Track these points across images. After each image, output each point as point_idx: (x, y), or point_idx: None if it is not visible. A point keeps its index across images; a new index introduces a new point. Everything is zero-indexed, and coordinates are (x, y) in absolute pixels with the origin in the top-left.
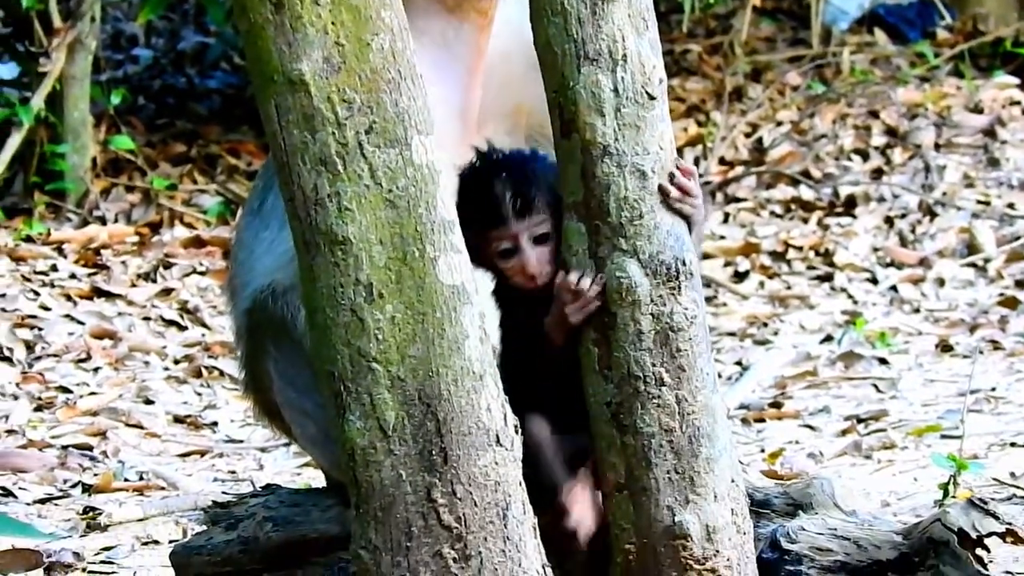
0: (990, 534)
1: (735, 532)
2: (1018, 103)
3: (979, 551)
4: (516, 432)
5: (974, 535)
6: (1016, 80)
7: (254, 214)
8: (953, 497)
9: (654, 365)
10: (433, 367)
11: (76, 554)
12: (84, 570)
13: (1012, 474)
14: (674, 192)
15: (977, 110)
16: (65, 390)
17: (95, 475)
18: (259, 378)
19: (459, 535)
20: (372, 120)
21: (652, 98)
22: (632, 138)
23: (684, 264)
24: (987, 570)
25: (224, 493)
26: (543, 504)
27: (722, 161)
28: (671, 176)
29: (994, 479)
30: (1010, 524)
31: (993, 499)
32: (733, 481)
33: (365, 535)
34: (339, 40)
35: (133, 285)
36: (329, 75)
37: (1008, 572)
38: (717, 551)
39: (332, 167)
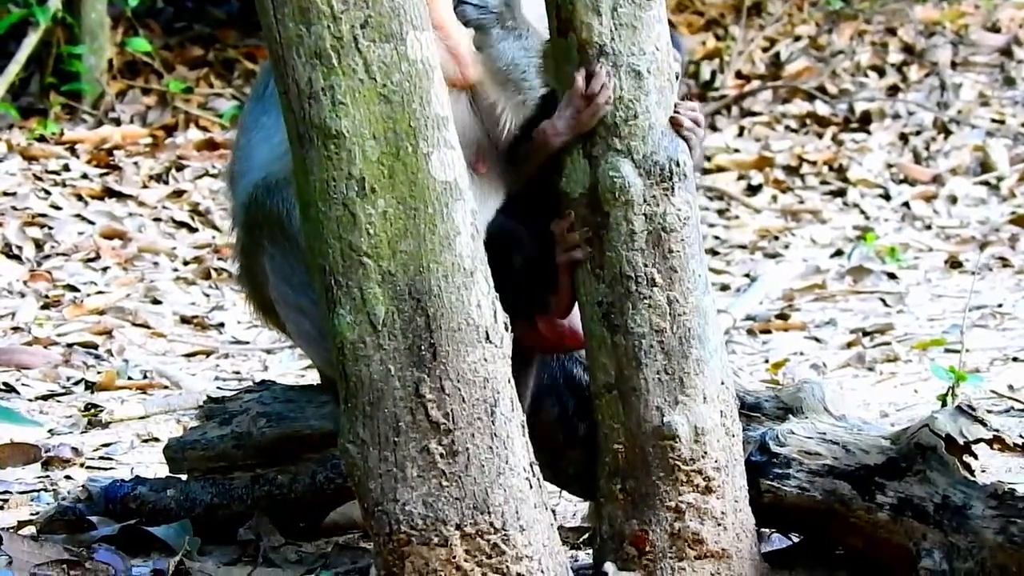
0: (977, 440)
1: (723, 434)
2: None
3: (967, 457)
4: (506, 329)
5: (961, 441)
6: None
7: (257, 99)
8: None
9: (646, 266)
10: (424, 262)
11: (75, 449)
12: (82, 465)
13: (1010, 387)
14: (687, 123)
15: (995, 29)
16: (73, 289)
17: (99, 373)
18: (255, 273)
19: (447, 431)
20: (368, 14)
21: None
22: (628, 38)
23: (678, 165)
24: (973, 476)
25: (219, 390)
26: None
27: (739, 75)
28: (677, 107)
29: (992, 391)
30: (997, 431)
31: (990, 411)
32: (723, 383)
33: (353, 429)
34: None
35: (145, 186)
36: None
37: (1001, 481)
38: (705, 452)
39: (327, 61)
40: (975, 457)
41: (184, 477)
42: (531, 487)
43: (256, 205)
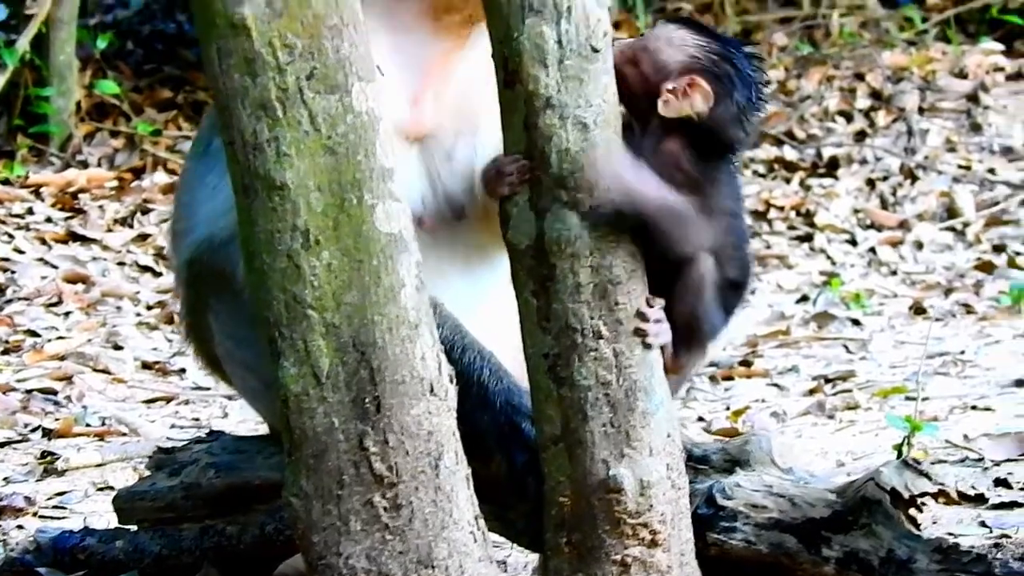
0: (923, 494)
1: (670, 487)
2: (1002, 69)
3: (912, 511)
4: (451, 382)
5: (907, 495)
6: (1001, 46)
7: (199, 157)
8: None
9: (592, 318)
10: (368, 315)
11: (28, 498)
12: (35, 514)
13: (966, 436)
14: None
15: (962, 75)
16: (33, 334)
17: (57, 420)
18: (201, 330)
19: (391, 484)
20: (313, 66)
21: (596, 51)
22: (575, 90)
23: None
24: (919, 530)
25: (169, 439)
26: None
27: None
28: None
29: (947, 441)
30: (942, 484)
31: (944, 461)
32: (669, 436)
33: (297, 482)
34: None
35: (109, 230)
36: (271, 19)
37: (951, 533)
38: (651, 506)
39: (272, 112)
40: (920, 511)
41: (134, 528)
42: (476, 541)
43: (200, 262)
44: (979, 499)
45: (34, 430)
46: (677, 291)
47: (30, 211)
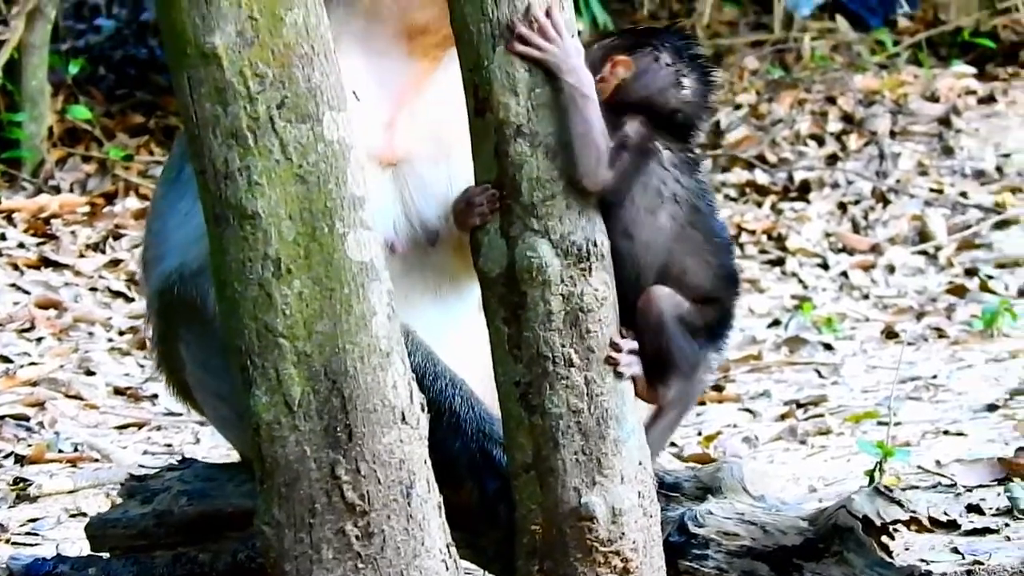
0: (895, 521)
1: (641, 515)
2: (974, 92)
3: (884, 538)
4: (422, 410)
5: (878, 522)
6: (973, 70)
7: (171, 183)
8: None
9: (563, 346)
10: (340, 343)
11: (1, 525)
12: (7, 541)
13: (938, 462)
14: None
15: (933, 99)
16: (6, 360)
17: (29, 446)
18: (172, 359)
19: (362, 512)
20: (284, 95)
21: None
22: (546, 118)
23: (595, 245)
24: (891, 557)
25: (141, 467)
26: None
27: None
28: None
29: (919, 467)
30: (914, 512)
31: (916, 487)
32: (641, 464)
33: (269, 511)
34: (253, 14)
35: (81, 255)
36: (242, 49)
37: (923, 560)
38: (623, 533)
39: (243, 141)
40: (892, 538)
41: (106, 555)
42: (448, 569)
43: (171, 292)
44: (951, 525)
45: (7, 456)
46: (638, 324)
47: (2, 237)
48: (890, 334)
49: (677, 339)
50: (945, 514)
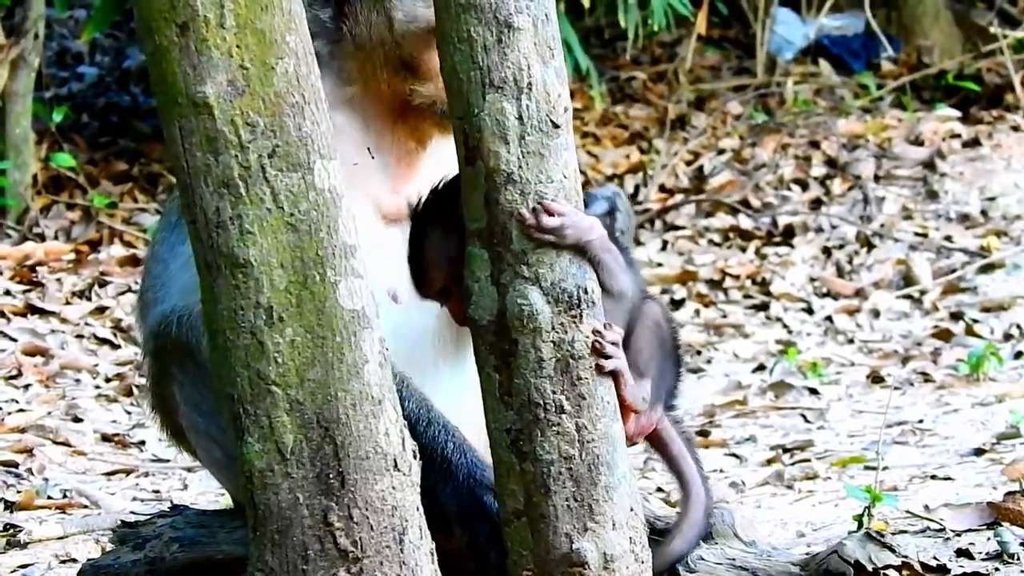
0: (886, 567)
1: (633, 561)
2: (958, 136)
3: None
4: (414, 457)
5: (870, 568)
6: (957, 113)
7: (172, 227)
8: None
9: (554, 393)
10: (332, 391)
11: None
12: None
13: (926, 506)
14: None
15: (917, 142)
16: None
17: (18, 492)
18: (165, 400)
19: (355, 559)
20: (275, 144)
21: (557, 126)
22: (536, 166)
23: (586, 292)
24: None
25: (132, 513)
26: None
27: (662, 188)
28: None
29: (907, 511)
30: (906, 557)
31: (905, 532)
32: (632, 510)
33: (262, 558)
34: (244, 63)
35: (67, 303)
36: (233, 98)
37: None
38: None
39: (234, 190)
40: None
41: None
42: None
43: (166, 334)
44: (942, 570)
45: None
46: (636, 331)
47: None
48: (875, 378)
49: (666, 348)
50: (935, 559)
